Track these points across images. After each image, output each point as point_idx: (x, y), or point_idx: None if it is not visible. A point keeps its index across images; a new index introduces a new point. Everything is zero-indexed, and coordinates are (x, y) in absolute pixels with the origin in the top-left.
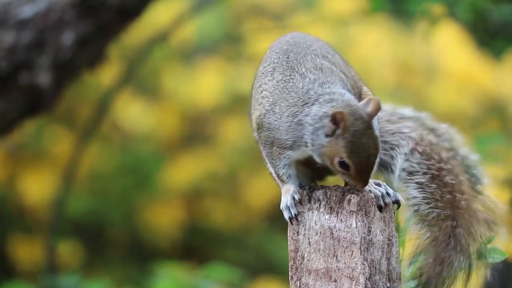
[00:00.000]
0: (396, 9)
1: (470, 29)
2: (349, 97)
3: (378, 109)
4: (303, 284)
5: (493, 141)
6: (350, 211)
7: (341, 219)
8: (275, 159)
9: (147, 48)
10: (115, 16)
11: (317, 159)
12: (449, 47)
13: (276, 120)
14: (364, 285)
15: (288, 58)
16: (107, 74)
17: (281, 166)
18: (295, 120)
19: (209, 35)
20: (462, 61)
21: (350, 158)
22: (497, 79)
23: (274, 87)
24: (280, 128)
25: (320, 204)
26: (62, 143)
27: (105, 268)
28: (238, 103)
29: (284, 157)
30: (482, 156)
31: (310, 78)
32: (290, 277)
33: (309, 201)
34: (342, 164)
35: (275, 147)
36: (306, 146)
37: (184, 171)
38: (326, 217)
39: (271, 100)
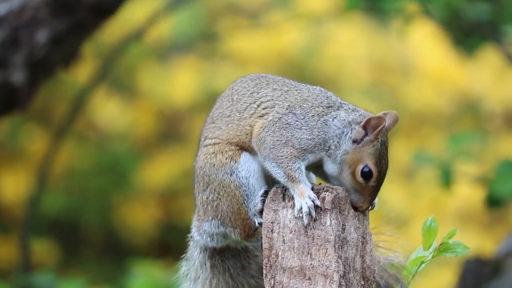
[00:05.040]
0: (371, 7)
1: (444, 27)
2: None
3: (396, 123)
4: (277, 282)
5: (468, 139)
6: (325, 209)
7: (316, 217)
8: (287, 160)
9: (122, 46)
10: (90, 14)
11: (332, 167)
12: (424, 45)
13: (297, 121)
14: (338, 283)
15: (266, 78)
16: (82, 72)
17: (295, 167)
18: (321, 119)
19: (184, 33)
20: (436, 59)
21: (376, 165)
22: (472, 78)
23: (285, 93)
24: (302, 128)
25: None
26: (37, 141)
27: (80, 266)
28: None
29: (300, 158)
30: (457, 155)
31: (313, 87)
32: (264, 275)
33: (283, 199)
34: (365, 172)
35: (289, 148)
36: (327, 151)
37: (160, 170)
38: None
39: (286, 104)
